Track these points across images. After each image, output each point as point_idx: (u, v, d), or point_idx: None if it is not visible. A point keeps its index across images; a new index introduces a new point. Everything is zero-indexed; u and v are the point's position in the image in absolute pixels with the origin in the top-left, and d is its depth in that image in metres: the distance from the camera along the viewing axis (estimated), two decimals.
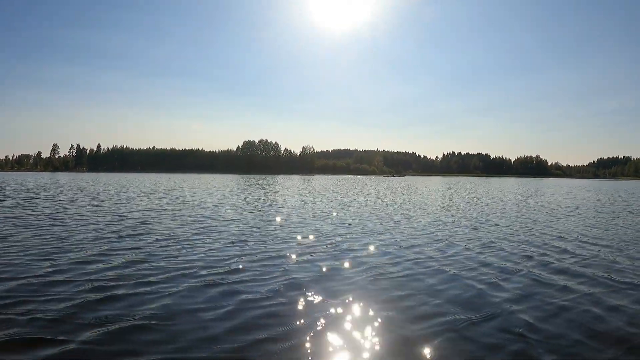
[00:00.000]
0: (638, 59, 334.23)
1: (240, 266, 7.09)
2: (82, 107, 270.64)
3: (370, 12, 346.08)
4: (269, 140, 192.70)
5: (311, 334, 4.28)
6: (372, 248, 9.04)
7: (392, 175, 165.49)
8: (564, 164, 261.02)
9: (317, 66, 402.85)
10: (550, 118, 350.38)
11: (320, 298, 5.42)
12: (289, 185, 49.19)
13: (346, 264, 7.42)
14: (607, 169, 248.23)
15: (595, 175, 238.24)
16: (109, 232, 10.81)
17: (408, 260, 7.86)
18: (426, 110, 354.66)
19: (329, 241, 9.78)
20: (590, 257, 8.51)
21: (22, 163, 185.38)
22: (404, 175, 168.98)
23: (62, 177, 78.32)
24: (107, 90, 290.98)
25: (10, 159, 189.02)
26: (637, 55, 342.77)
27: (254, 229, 11.64)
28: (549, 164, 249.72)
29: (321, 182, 63.09)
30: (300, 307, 5.09)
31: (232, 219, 14.08)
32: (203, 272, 6.67)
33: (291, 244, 9.44)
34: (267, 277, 6.41)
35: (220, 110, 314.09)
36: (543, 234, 11.85)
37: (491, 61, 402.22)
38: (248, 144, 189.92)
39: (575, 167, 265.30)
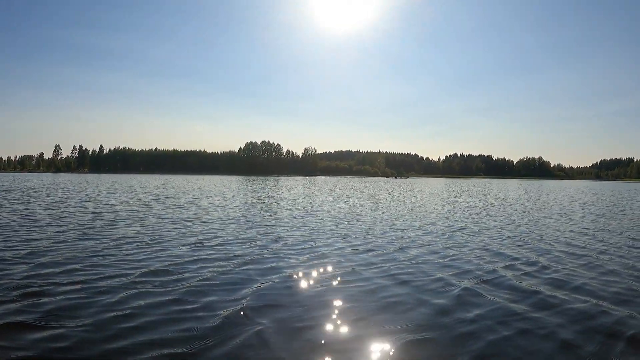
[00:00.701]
0: None
1: (169, 270, 6.98)
2: (84, 108, 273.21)
3: (372, 13, 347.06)
4: (271, 142, 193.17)
5: (189, 344, 4.13)
6: (315, 254, 8.55)
7: (395, 177, 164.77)
8: (567, 166, 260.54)
9: (319, 67, 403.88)
10: (552, 119, 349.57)
11: (217, 307, 5.17)
12: (286, 186, 49.12)
13: (274, 272, 7.03)
14: (609, 170, 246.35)
15: (598, 177, 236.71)
16: (71, 232, 10.83)
17: (344, 267, 7.45)
18: (428, 111, 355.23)
19: (277, 245, 9.52)
20: (551, 268, 7.60)
21: (24, 164, 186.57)
22: (407, 177, 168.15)
23: (62, 178, 78.79)
24: (109, 90, 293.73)
25: (13, 159, 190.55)
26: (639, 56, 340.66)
27: (217, 231, 11.55)
28: (552, 166, 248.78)
29: (320, 184, 62.97)
30: (189, 315, 4.89)
31: (205, 221, 14.02)
32: (129, 274, 6.63)
33: (240, 247, 9.22)
34: (181, 282, 6.23)
35: (223, 111, 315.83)
36: (511, 240, 11.08)
37: (492, 62, 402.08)
38: (250, 145, 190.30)
39: (578, 168, 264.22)
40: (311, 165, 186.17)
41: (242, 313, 5.01)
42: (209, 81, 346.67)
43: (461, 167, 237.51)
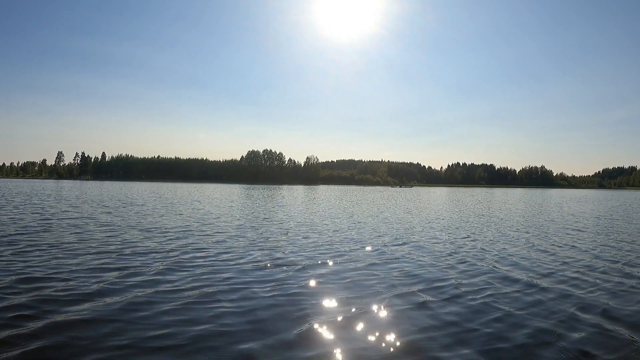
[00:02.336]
0: None
1: (69, 279, 6.77)
2: (86, 115, 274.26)
3: (374, 20, 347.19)
4: (273, 150, 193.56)
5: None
6: (254, 266, 8.13)
7: (400, 186, 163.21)
8: (570, 175, 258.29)
9: (322, 75, 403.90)
10: (555, 127, 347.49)
11: (104, 324, 4.90)
12: (281, 195, 48.68)
13: (195, 283, 6.67)
14: (612, 179, 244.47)
15: (601, 186, 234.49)
16: (3, 241, 10.60)
17: (270, 281, 7.00)
18: (430, 119, 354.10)
19: (213, 253, 9.20)
20: (493, 294, 6.58)
21: (26, 170, 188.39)
22: (411, 186, 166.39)
23: (61, 184, 79.10)
24: (112, 97, 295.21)
25: (15, 166, 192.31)
26: None
27: (149, 241, 11.19)
28: (554, 175, 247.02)
29: (316, 193, 62.41)
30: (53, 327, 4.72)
31: (150, 228, 13.72)
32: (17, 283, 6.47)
33: (168, 258, 8.84)
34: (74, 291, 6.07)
35: (225, 119, 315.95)
36: (469, 255, 10.18)
37: (495, 69, 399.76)
38: (252, 154, 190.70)
39: (581, 177, 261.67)
40: (313, 174, 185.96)
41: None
42: (212, 89, 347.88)
43: (463, 176, 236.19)
